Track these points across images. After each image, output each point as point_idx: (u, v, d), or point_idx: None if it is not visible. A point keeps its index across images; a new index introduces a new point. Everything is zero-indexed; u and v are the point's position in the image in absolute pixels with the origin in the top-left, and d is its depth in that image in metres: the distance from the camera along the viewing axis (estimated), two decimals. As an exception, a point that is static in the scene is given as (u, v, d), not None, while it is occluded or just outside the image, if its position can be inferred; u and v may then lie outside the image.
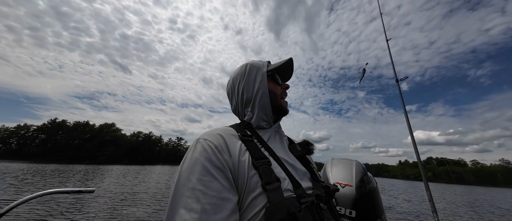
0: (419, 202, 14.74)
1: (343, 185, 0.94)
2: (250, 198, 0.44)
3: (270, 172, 0.48)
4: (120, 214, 6.69)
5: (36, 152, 77.23)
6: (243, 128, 0.62)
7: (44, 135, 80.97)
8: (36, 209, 6.62)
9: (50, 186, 12.52)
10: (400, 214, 9.67)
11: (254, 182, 0.46)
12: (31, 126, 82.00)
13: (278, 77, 0.71)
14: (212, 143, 0.49)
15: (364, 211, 0.87)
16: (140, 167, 53.13)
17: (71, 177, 18.06)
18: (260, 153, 0.52)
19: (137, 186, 13.96)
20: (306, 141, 0.71)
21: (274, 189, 0.45)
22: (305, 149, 0.67)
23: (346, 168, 1.03)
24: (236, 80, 0.69)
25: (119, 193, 10.72)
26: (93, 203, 8.00)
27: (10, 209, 1.09)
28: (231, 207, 0.42)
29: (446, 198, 20.73)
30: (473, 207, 14.99)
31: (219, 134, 0.53)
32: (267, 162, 0.50)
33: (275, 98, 0.67)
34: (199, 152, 0.47)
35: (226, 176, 0.45)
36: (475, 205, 16.12)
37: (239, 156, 0.49)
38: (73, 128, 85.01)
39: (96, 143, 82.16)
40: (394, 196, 18.76)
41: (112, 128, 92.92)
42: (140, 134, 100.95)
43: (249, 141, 0.55)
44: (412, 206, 12.49)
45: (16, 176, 16.61)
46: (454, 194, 26.46)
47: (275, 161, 0.54)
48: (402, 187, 34.15)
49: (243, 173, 0.47)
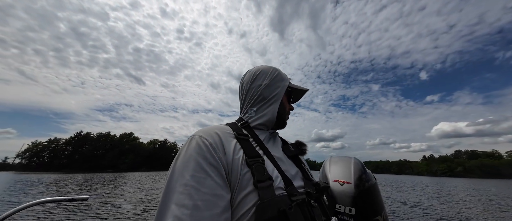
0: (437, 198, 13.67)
1: (342, 183, 0.93)
2: (241, 196, 0.45)
3: (263, 170, 0.49)
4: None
5: (65, 163, 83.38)
6: (240, 126, 0.63)
7: (71, 147, 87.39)
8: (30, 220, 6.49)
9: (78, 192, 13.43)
10: (402, 210, 9.15)
11: (246, 180, 0.47)
12: (61, 139, 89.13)
13: (296, 95, 0.77)
14: (207, 140, 0.49)
15: (363, 208, 0.86)
16: (158, 172, 55.36)
17: (105, 184, 19.26)
18: (254, 152, 0.53)
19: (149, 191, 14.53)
20: (299, 142, 0.72)
21: (266, 187, 0.46)
22: (298, 149, 0.69)
23: (345, 166, 1.02)
24: (261, 76, 0.70)
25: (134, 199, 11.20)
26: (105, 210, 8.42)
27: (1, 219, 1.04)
28: (224, 204, 0.42)
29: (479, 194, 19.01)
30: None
31: (214, 131, 0.53)
32: (260, 161, 0.51)
33: (283, 111, 0.70)
34: (194, 148, 0.47)
35: (220, 174, 0.45)
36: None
37: (233, 154, 0.50)
38: (97, 139, 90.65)
39: (117, 152, 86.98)
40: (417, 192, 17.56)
41: (130, 137, 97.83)
42: (156, 141, 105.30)
43: (244, 140, 0.55)
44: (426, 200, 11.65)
45: (62, 185, 18.03)
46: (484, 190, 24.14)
47: (268, 159, 0.55)
48: (423, 183, 31.97)
49: (236, 170, 0.47)
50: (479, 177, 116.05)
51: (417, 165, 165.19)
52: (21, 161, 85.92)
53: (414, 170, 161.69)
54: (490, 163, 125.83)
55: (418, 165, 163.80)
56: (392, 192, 16.96)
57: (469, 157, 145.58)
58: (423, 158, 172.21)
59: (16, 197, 11.26)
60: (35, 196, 11.75)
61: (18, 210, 1.08)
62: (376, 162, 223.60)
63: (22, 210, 1.08)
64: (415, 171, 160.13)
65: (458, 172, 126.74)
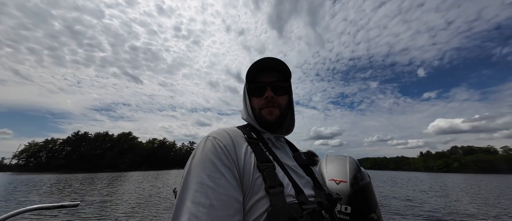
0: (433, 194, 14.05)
1: (338, 182, 0.95)
2: (253, 200, 0.45)
3: (274, 176, 0.49)
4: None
5: (63, 163, 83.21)
6: (249, 130, 0.63)
7: (69, 147, 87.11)
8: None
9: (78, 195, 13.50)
10: (395, 207, 9.45)
11: (258, 185, 0.47)
12: (58, 139, 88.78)
13: (260, 84, 0.66)
14: (221, 142, 0.50)
15: (358, 206, 0.88)
16: (159, 171, 55.52)
17: (106, 184, 19.41)
18: (265, 156, 0.53)
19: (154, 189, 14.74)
20: (311, 152, 0.71)
21: (277, 193, 0.46)
22: (310, 159, 0.68)
23: (341, 165, 1.03)
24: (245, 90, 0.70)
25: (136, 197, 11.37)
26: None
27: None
28: (237, 206, 0.43)
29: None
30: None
31: (227, 133, 0.54)
32: (271, 166, 0.51)
33: (254, 112, 0.66)
34: (209, 149, 0.48)
35: (233, 175, 0.46)
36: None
37: (245, 157, 0.50)
38: (95, 139, 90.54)
39: (116, 151, 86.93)
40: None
41: (129, 136, 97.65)
42: (155, 140, 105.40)
43: (255, 144, 0.56)
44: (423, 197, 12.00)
45: (63, 186, 18.14)
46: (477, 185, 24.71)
47: (278, 166, 0.55)
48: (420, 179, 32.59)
49: (248, 174, 0.48)
50: (475, 172, 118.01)
51: (414, 161, 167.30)
52: (18, 161, 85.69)
53: (411, 166, 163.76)
54: (486, 158, 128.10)
55: (415, 161, 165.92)
56: (386, 188, 17.36)
57: (465, 152, 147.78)
58: (420, 154, 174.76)
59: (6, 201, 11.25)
60: (29, 199, 11.50)
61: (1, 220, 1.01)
62: (374, 159, 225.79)
63: (5, 219, 1.02)
64: (412, 167, 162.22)
65: (455, 168, 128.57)
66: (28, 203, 10.15)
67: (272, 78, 0.66)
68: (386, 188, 17.28)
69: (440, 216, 7.48)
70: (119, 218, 6.74)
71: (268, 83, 0.65)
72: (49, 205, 1.13)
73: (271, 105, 0.65)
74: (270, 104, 0.64)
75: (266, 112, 0.65)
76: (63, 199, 11.36)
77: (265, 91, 0.64)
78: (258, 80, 0.66)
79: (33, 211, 1.09)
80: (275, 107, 0.65)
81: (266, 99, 0.64)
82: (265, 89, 0.65)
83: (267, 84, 0.65)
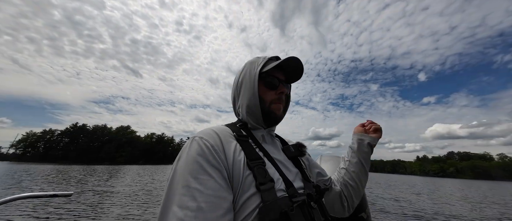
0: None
1: None
2: (244, 198, 0.45)
3: (264, 172, 0.49)
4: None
5: (61, 155, 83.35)
6: (239, 127, 0.62)
7: (67, 139, 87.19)
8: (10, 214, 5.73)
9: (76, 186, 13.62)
10: (383, 207, 9.69)
11: (248, 182, 0.47)
12: (56, 130, 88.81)
13: (275, 79, 0.65)
14: (208, 142, 0.49)
15: None
16: (157, 166, 55.75)
17: (104, 176, 19.58)
18: (255, 154, 0.53)
19: (148, 184, 14.93)
20: (300, 143, 0.72)
21: (268, 189, 0.46)
22: (298, 151, 0.69)
23: (335, 165, 1.05)
24: (237, 78, 0.69)
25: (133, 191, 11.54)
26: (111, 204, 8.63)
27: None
28: (227, 206, 0.43)
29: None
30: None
31: (215, 132, 0.53)
32: (261, 163, 0.51)
33: (263, 104, 0.64)
34: (195, 150, 0.47)
35: (222, 175, 0.45)
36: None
37: (234, 156, 0.50)
38: (93, 131, 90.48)
39: (114, 144, 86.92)
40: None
41: (127, 130, 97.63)
42: (153, 135, 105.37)
43: (244, 141, 0.55)
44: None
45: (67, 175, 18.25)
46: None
47: (269, 161, 0.55)
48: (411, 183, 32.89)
49: (237, 173, 0.48)
50: (471, 178, 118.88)
51: (411, 165, 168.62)
52: (15, 151, 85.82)
53: (408, 169, 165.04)
54: (482, 164, 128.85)
55: (411, 165, 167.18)
56: (379, 190, 17.63)
57: (461, 158, 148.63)
58: (417, 158, 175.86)
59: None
60: (30, 187, 11.87)
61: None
62: (370, 161, 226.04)
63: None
64: (408, 170, 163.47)
65: (450, 173, 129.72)
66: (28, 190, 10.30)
67: (298, 76, 0.70)
68: (378, 190, 17.56)
69: (429, 218, 7.67)
70: (111, 208, 6.89)
71: (282, 81, 0.66)
72: (41, 193, 1.10)
73: (280, 102, 0.66)
74: (280, 100, 0.66)
75: (276, 106, 0.65)
76: (55, 189, 11.46)
77: (278, 86, 0.65)
78: (273, 74, 0.65)
79: (25, 199, 1.06)
80: (282, 104, 0.67)
81: (280, 94, 0.65)
82: (278, 85, 0.65)
83: (281, 82, 0.66)
